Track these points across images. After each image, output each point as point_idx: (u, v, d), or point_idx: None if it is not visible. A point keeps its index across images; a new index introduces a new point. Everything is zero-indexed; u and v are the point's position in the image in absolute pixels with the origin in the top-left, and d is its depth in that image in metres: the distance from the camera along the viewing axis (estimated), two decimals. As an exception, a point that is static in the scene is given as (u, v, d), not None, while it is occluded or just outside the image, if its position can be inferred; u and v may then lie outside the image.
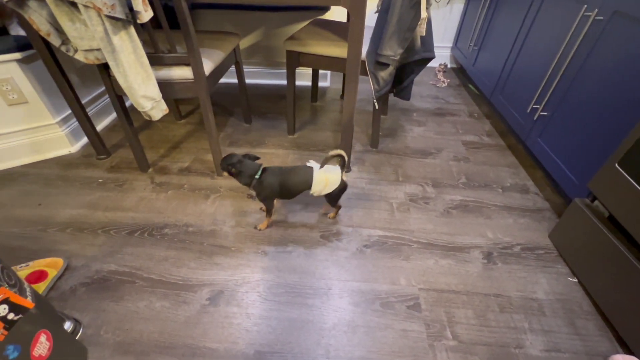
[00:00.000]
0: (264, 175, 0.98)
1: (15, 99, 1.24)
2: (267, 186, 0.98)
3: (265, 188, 0.99)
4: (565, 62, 1.12)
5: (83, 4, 0.80)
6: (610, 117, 0.96)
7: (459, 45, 2.19)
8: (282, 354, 0.79)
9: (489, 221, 1.16)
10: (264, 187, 0.99)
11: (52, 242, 1.05)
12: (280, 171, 1.00)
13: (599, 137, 0.99)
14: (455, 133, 1.66)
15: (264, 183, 0.98)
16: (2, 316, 0.54)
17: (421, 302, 0.90)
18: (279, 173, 1.00)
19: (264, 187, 0.99)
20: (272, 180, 0.98)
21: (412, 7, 1.04)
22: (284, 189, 1.00)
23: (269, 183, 0.98)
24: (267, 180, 0.98)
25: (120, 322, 0.84)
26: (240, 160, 0.97)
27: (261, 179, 0.98)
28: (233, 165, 0.96)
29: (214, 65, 1.14)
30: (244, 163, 0.97)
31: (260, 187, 0.99)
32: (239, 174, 0.98)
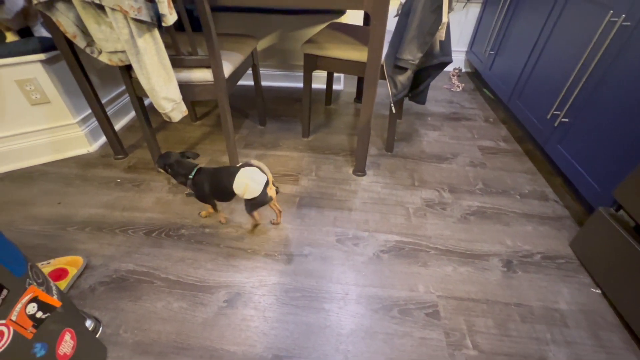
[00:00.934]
0: (197, 176, 1.00)
1: (38, 99, 1.27)
2: (200, 186, 1.00)
3: (198, 188, 1.00)
4: (589, 68, 1.09)
5: (110, 7, 0.81)
6: (637, 124, 0.93)
7: (475, 49, 2.17)
8: (300, 359, 0.78)
9: (507, 228, 1.14)
10: (197, 187, 1.00)
11: (72, 240, 1.06)
12: (210, 171, 1.01)
13: (624, 144, 0.97)
14: (471, 138, 1.64)
15: (197, 183, 1.00)
16: (31, 314, 0.54)
17: (440, 310, 0.89)
18: (209, 173, 1.01)
19: (197, 187, 1.00)
20: (203, 181, 1.00)
21: (433, 12, 1.04)
22: (213, 189, 1.01)
23: (201, 183, 1.00)
24: (199, 181, 1.00)
25: (138, 322, 0.85)
26: (178, 160, 0.99)
27: (195, 179, 0.99)
28: (169, 165, 0.98)
29: (233, 67, 1.14)
30: (180, 163, 0.99)
31: (195, 186, 1.00)
32: (174, 174, 1.00)
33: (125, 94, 1.69)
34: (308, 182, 1.32)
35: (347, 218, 1.16)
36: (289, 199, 1.23)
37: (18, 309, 0.52)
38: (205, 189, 1.00)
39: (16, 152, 1.32)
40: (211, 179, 1.00)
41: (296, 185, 1.30)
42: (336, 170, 1.38)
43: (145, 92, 1.06)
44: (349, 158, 1.47)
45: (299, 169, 1.39)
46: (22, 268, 0.55)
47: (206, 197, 1.03)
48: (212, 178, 0.99)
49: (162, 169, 1.01)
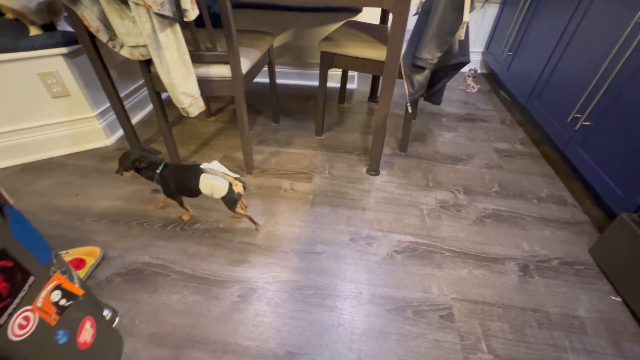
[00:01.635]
0: (164, 171, 1.00)
1: (59, 91, 1.29)
2: (166, 182, 1.00)
3: (165, 183, 1.01)
4: (614, 70, 1.06)
5: (134, 2, 0.82)
6: (665, 129, 0.91)
7: (491, 50, 2.13)
8: (312, 356, 0.78)
9: (524, 232, 1.12)
10: (164, 183, 1.01)
11: (89, 232, 1.08)
12: (176, 168, 1.01)
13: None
14: (487, 140, 1.61)
15: (164, 178, 1.00)
16: (55, 301, 0.55)
17: (454, 313, 0.88)
18: (175, 170, 1.00)
19: (164, 183, 1.01)
20: (168, 177, 1.00)
21: (454, 10, 1.02)
22: (178, 186, 1.01)
23: (167, 179, 1.00)
24: (166, 176, 1.00)
25: (154, 314, 0.86)
26: (143, 156, 0.98)
27: (162, 174, 1.00)
28: (137, 160, 0.97)
29: (250, 64, 1.15)
30: (145, 158, 0.98)
31: (162, 182, 1.01)
32: (142, 169, 0.99)
33: (141, 90, 1.71)
34: (321, 180, 1.32)
35: (361, 217, 1.15)
36: (302, 197, 1.23)
37: (43, 296, 0.53)
38: (171, 185, 1.01)
39: (36, 144, 1.35)
40: (176, 176, 1.00)
41: (309, 183, 1.30)
42: (349, 169, 1.38)
43: (163, 87, 1.07)
44: (362, 157, 1.46)
45: (312, 167, 1.38)
46: (47, 256, 0.56)
47: (172, 192, 1.03)
48: (177, 175, 1.00)
49: (131, 168, 0.98)
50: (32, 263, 0.51)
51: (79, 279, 0.65)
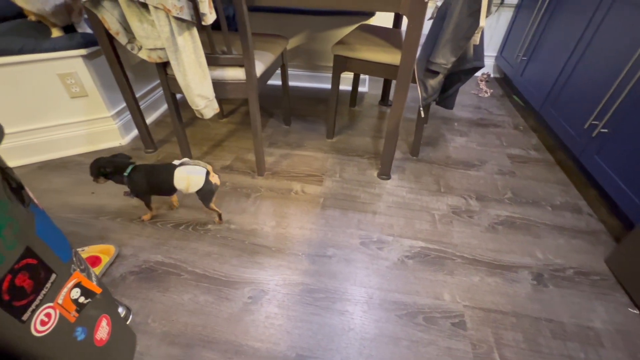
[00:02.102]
0: (133, 173, 1.01)
1: (77, 92, 1.32)
2: (136, 183, 1.01)
3: (135, 185, 1.02)
4: (634, 76, 1.04)
5: (154, 5, 0.84)
6: (687, 138, 0.88)
7: (505, 54, 2.11)
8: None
9: (538, 240, 1.10)
10: (134, 184, 1.01)
11: (104, 230, 1.10)
12: (147, 168, 1.02)
13: (672, 159, 0.92)
14: (500, 145, 1.59)
15: (133, 180, 1.01)
16: (74, 299, 0.56)
17: (466, 320, 0.87)
18: (146, 170, 1.02)
19: (134, 184, 1.01)
20: (139, 177, 1.01)
21: (470, 16, 1.02)
22: (151, 185, 1.02)
23: (137, 180, 1.01)
24: (136, 178, 1.01)
25: (166, 313, 0.87)
26: (109, 161, 1.00)
27: (130, 176, 1.00)
28: (103, 166, 0.99)
29: (264, 67, 1.16)
30: (112, 163, 1.00)
31: (131, 184, 1.01)
32: (110, 174, 1.00)
33: (155, 91, 1.74)
34: (332, 183, 1.32)
35: (372, 221, 1.15)
36: (313, 200, 1.23)
37: (64, 293, 0.54)
38: (143, 186, 1.02)
39: (55, 142, 1.39)
40: (149, 175, 1.01)
41: (320, 186, 1.30)
42: (360, 173, 1.38)
43: (179, 89, 1.09)
44: (373, 161, 1.45)
45: (323, 170, 1.39)
46: (68, 254, 0.57)
47: (143, 193, 1.05)
48: (150, 174, 1.01)
49: (100, 174, 1.01)
50: (55, 261, 0.53)
51: (96, 277, 0.67)
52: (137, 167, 1.02)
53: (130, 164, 1.02)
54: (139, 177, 1.01)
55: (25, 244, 0.47)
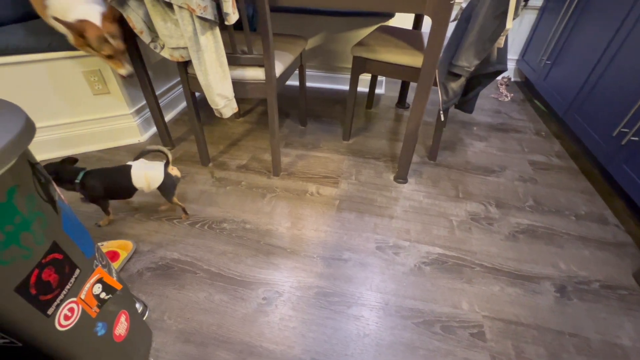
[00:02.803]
0: (87, 179, 0.98)
1: (100, 89, 1.35)
2: (91, 188, 0.98)
3: (89, 190, 0.99)
4: (670, 83, 1.00)
5: (178, 5, 0.85)
6: None
7: (527, 58, 2.06)
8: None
9: (561, 251, 1.07)
10: (88, 190, 0.99)
11: (122, 225, 1.12)
12: (101, 172, 0.99)
13: None
14: (521, 151, 1.55)
15: (87, 186, 0.98)
16: (96, 294, 0.57)
17: (486, 331, 0.84)
18: (100, 174, 0.99)
19: (88, 190, 0.99)
20: (94, 183, 0.98)
21: (496, 18, 0.99)
22: (108, 189, 1.00)
23: (92, 185, 0.98)
24: (89, 183, 0.98)
25: (182, 310, 0.87)
26: (58, 169, 0.95)
27: (84, 182, 0.97)
28: (49, 174, 0.93)
29: (284, 67, 1.16)
30: (61, 170, 0.96)
31: (84, 190, 0.99)
32: (58, 181, 0.96)
33: (173, 90, 1.77)
34: (348, 185, 1.31)
35: (388, 226, 1.13)
36: (329, 202, 1.22)
37: (86, 289, 0.55)
38: (99, 191, 0.99)
39: (77, 138, 1.42)
40: (104, 180, 0.99)
41: (336, 188, 1.29)
42: (377, 176, 1.36)
43: (199, 88, 1.09)
44: (389, 164, 1.44)
45: (339, 172, 1.38)
46: (91, 249, 0.58)
47: (99, 198, 1.03)
48: (105, 179, 0.99)
49: None
50: (79, 256, 0.53)
51: (116, 273, 0.67)
52: (91, 173, 0.99)
53: (81, 170, 0.98)
54: (93, 182, 0.98)
55: (52, 239, 0.47)
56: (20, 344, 0.45)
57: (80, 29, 1.00)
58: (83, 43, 1.04)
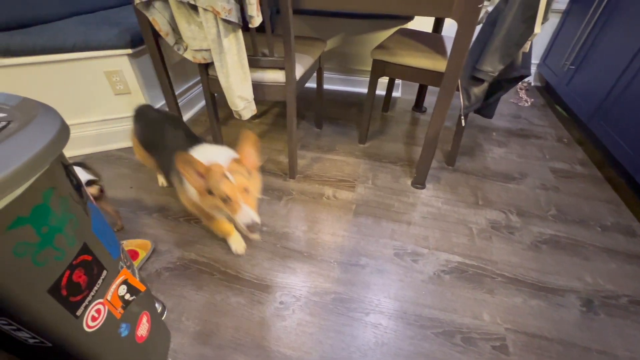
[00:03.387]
0: None
1: (121, 89, 1.37)
2: None
3: None
4: None
5: (203, 7, 0.85)
6: None
7: (549, 62, 2.01)
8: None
9: (586, 263, 1.03)
10: None
11: (141, 224, 1.13)
12: None
13: None
14: (542, 158, 1.51)
15: None
16: (121, 295, 0.57)
17: (508, 344, 0.82)
18: None
19: None
20: None
21: (524, 22, 0.96)
22: None
23: None
24: None
25: (199, 312, 0.87)
26: None
27: None
28: None
29: (303, 70, 1.15)
30: None
31: None
32: None
33: (191, 90, 1.78)
34: (365, 190, 1.29)
35: (406, 232, 1.11)
36: (345, 206, 1.21)
37: (112, 290, 0.55)
38: None
39: (98, 137, 1.44)
40: None
41: (352, 192, 1.28)
42: (394, 180, 1.34)
43: (219, 89, 1.10)
44: (407, 168, 1.42)
45: (355, 176, 1.36)
46: (117, 251, 0.58)
47: None
48: None
49: None
50: (106, 257, 0.54)
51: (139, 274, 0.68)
52: None
53: None
54: None
55: (83, 240, 0.48)
56: (50, 344, 0.46)
57: None
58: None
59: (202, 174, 0.76)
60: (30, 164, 0.36)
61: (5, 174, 0.33)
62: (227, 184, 0.74)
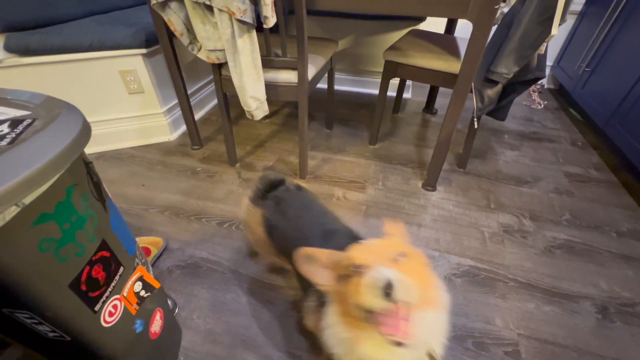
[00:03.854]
0: None
1: (135, 88, 1.39)
2: None
3: None
4: None
5: (219, 8, 0.86)
6: None
7: (563, 64, 1.98)
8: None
9: (601, 269, 1.01)
10: None
11: (153, 222, 1.14)
12: None
13: None
14: (555, 162, 1.49)
15: None
16: (137, 292, 0.58)
17: (521, 350, 0.81)
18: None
19: None
20: None
21: (540, 23, 0.95)
22: None
23: None
24: None
25: (210, 310, 0.88)
26: None
27: None
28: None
29: (316, 70, 1.15)
30: None
31: None
32: None
33: (203, 90, 1.80)
34: (375, 191, 1.29)
35: (416, 234, 1.11)
36: (355, 207, 1.21)
37: (129, 286, 0.56)
38: None
39: (111, 135, 1.47)
40: None
41: (362, 193, 1.28)
42: (404, 182, 1.34)
43: (232, 89, 1.10)
44: (417, 170, 1.41)
45: (365, 177, 1.36)
46: (133, 248, 0.59)
47: None
48: None
49: None
50: (123, 254, 0.54)
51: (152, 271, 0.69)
52: None
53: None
54: None
55: (102, 237, 0.49)
56: (69, 338, 0.47)
57: None
58: None
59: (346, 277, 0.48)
60: (56, 161, 0.36)
61: (33, 170, 0.33)
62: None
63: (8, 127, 0.39)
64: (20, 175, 0.32)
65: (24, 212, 0.35)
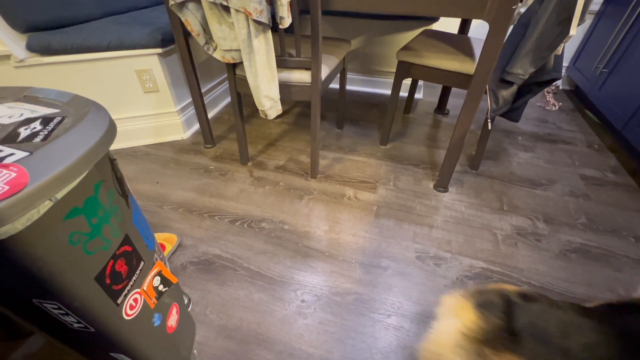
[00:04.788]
0: None
1: (150, 87, 1.42)
2: None
3: None
4: None
5: (236, 9, 0.87)
6: None
7: (579, 65, 1.94)
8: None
9: (619, 275, 0.99)
10: None
11: (167, 219, 1.16)
12: None
13: None
14: (571, 164, 1.46)
15: None
16: (155, 286, 0.59)
17: (535, 355, 0.80)
18: None
19: None
20: None
21: (558, 24, 0.94)
22: None
23: None
24: None
25: (223, 306, 0.89)
26: None
27: None
28: None
29: (329, 70, 1.16)
30: None
31: None
32: None
33: (216, 89, 1.82)
34: (386, 191, 1.29)
35: (428, 235, 1.10)
36: (366, 207, 1.21)
37: (148, 281, 0.57)
38: None
39: (127, 133, 1.50)
40: None
41: (374, 193, 1.28)
42: (416, 183, 1.33)
43: (246, 89, 1.12)
44: (429, 171, 1.40)
45: (376, 177, 1.36)
46: (152, 243, 0.60)
47: None
48: None
49: None
50: (144, 249, 0.56)
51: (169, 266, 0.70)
52: None
53: None
54: None
55: (125, 232, 0.50)
56: (93, 330, 0.48)
57: None
58: None
59: None
60: (86, 157, 0.38)
61: (66, 165, 0.35)
62: None
63: (40, 125, 0.41)
64: (55, 170, 0.34)
65: (57, 207, 0.36)
